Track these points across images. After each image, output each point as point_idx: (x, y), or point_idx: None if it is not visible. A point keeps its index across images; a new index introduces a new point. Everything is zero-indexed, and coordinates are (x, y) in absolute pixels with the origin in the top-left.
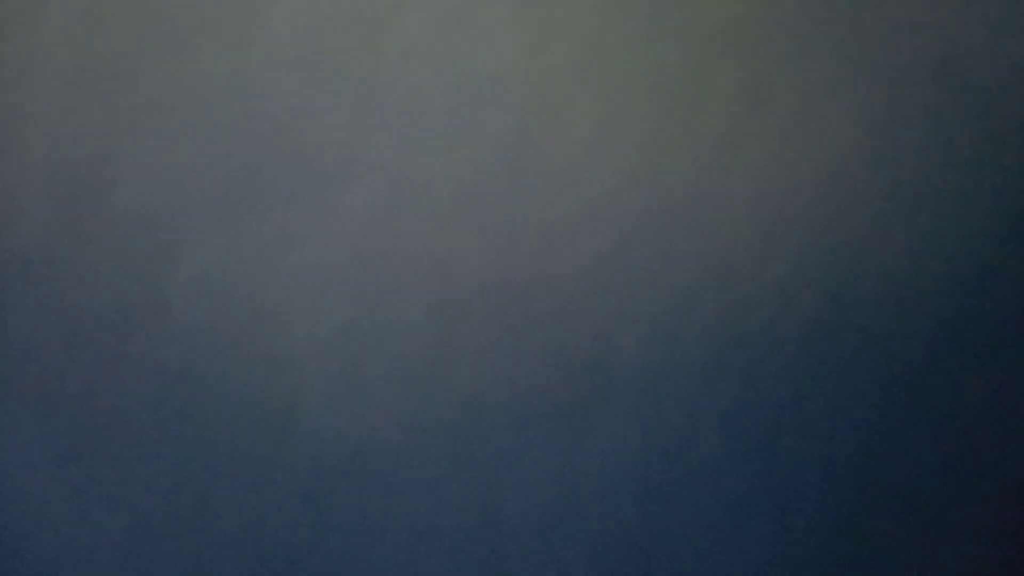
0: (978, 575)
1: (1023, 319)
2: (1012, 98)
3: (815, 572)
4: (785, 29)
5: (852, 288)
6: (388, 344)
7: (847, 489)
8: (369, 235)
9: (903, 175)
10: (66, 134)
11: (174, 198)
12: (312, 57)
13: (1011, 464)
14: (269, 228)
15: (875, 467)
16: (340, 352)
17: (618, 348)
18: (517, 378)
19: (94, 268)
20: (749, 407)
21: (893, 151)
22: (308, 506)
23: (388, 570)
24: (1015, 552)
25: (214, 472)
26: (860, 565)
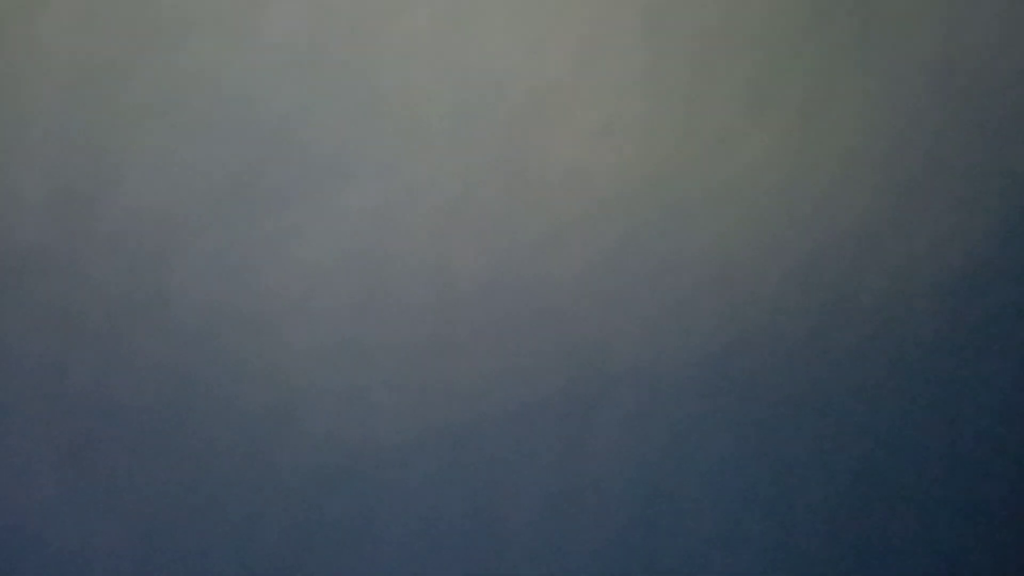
0: (978, 575)
1: (1023, 319)
2: (1014, 98)
3: (815, 572)
4: (785, 29)
5: (853, 288)
6: (388, 344)
7: (847, 489)
8: (369, 235)
9: (904, 175)
10: (65, 134)
11: (173, 198)
12: (312, 57)
13: (1011, 464)
14: (268, 228)
15: (875, 467)
16: (340, 352)
17: (618, 348)
18: (517, 378)
19: (94, 268)
20: (749, 407)
21: (894, 151)
22: (308, 506)
23: (388, 571)
24: (1015, 552)
25: (214, 472)
26: (860, 565)
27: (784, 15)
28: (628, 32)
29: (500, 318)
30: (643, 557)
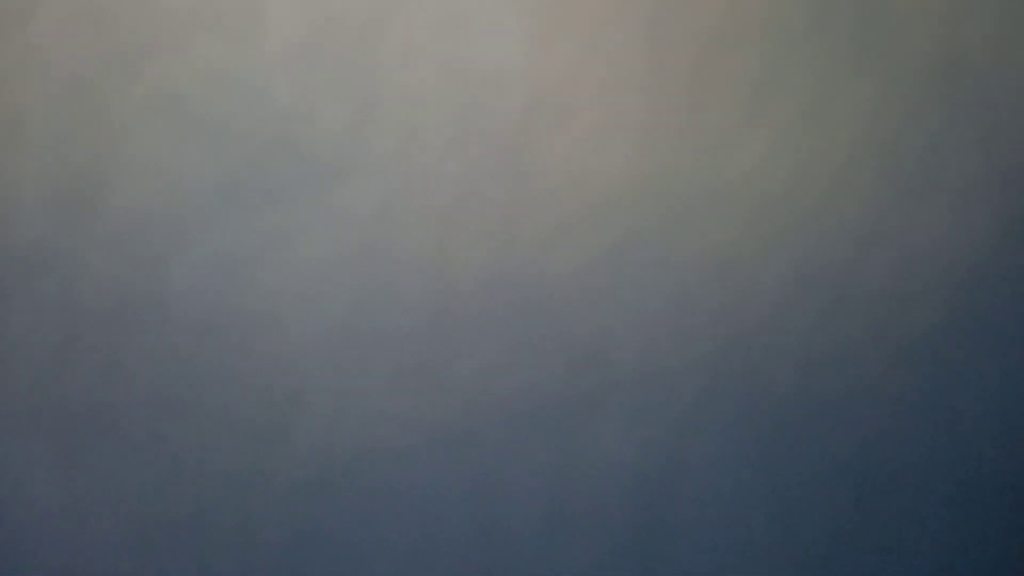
0: (978, 575)
1: (1023, 318)
2: (1014, 97)
3: (815, 571)
4: (787, 29)
5: (853, 287)
6: (388, 343)
7: (847, 488)
8: (369, 234)
9: (905, 173)
10: (65, 134)
11: (173, 198)
12: (312, 57)
13: (1011, 464)
14: (268, 228)
15: (875, 465)
16: (340, 351)
17: (618, 348)
18: (517, 378)
19: (95, 266)
20: (749, 406)
21: (893, 151)
22: (308, 505)
23: (388, 570)
24: (1015, 552)
25: (213, 472)
26: (861, 564)
27: (784, 16)
28: (628, 32)
29: (500, 316)
30: (643, 556)
